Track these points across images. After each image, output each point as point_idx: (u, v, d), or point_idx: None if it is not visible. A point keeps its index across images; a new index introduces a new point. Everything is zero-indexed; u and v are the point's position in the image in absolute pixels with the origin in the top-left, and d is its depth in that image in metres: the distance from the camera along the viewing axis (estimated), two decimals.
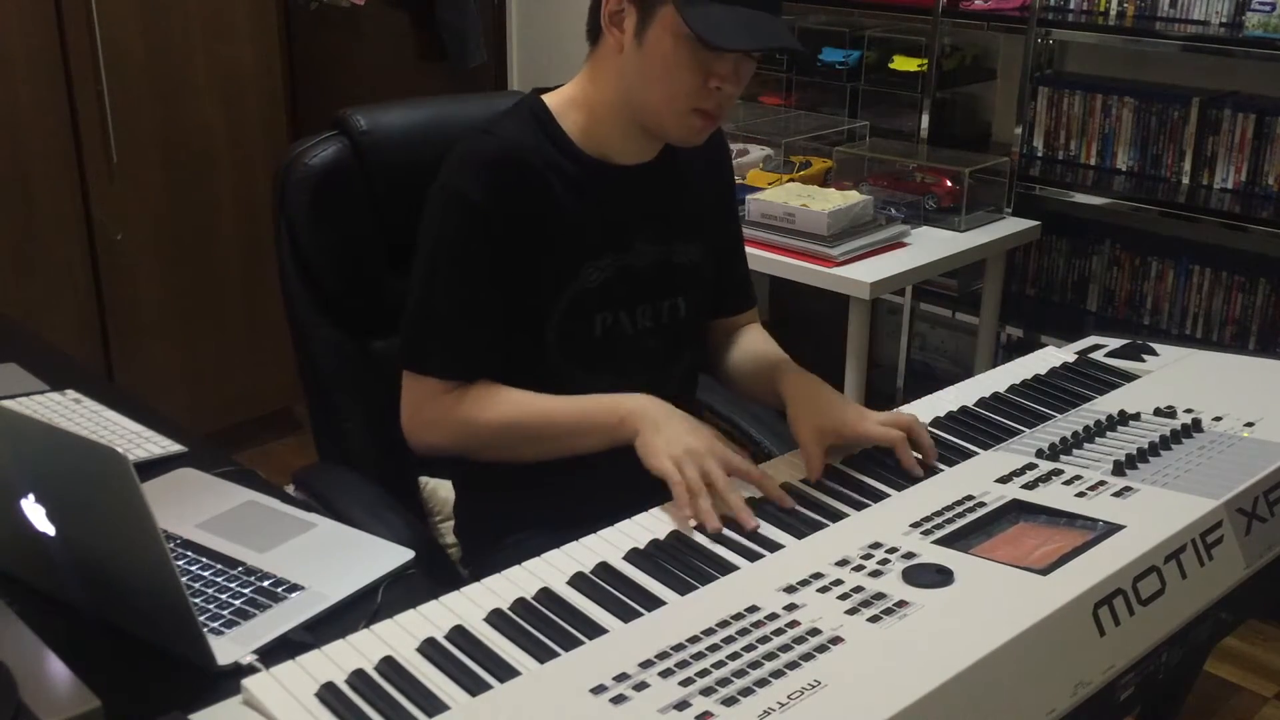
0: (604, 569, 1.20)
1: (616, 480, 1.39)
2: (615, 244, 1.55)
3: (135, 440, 1.59)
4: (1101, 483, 1.31)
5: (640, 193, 1.57)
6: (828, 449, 1.42)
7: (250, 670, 1.06)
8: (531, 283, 1.50)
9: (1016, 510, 1.26)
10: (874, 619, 1.05)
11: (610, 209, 1.54)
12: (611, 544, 1.24)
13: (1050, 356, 1.74)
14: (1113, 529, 1.19)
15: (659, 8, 1.41)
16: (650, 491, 1.34)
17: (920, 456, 1.40)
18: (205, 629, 1.14)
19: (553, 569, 1.20)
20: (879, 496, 1.34)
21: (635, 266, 1.56)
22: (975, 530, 1.22)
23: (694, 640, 1.03)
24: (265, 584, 1.26)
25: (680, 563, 1.21)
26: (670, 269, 1.60)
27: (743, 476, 1.33)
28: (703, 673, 0.98)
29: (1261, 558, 1.28)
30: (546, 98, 1.55)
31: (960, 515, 1.25)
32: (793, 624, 1.05)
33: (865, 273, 2.63)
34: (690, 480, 1.30)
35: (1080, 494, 1.28)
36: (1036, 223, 3.03)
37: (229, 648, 1.14)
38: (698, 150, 1.61)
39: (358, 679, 1.02)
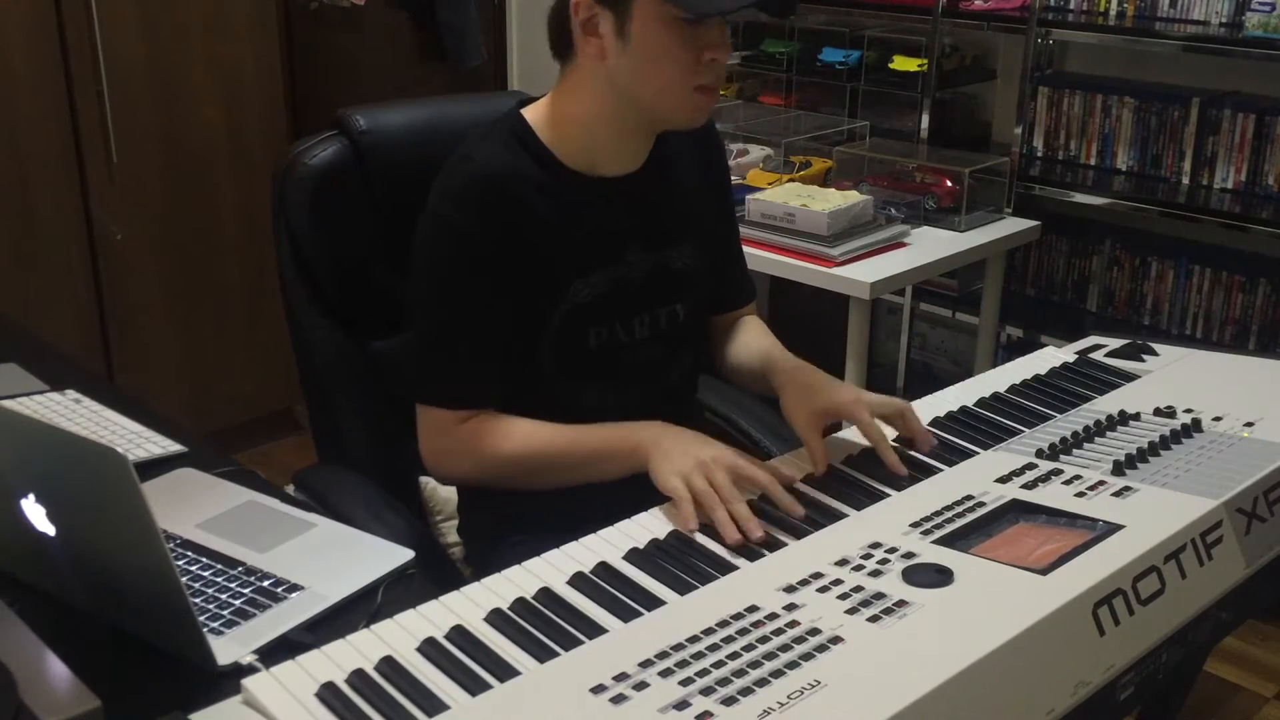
0: (604, 569, 1.20)
1: (620, 482, 1.39)
2: (605, 258, 1.53)
3: (135, 440, 1.59)
4: (1101, 483, 1.31)
5: (629, 202, 1.55)
6: (827, 434, 1.43)
7: (250, 670, 1.06)
8: (522, 304, 1.49)
9: (1016, 510, 1.26)
10: (874, 619, 1.05)
11: (598, 222, 1.52)
12: (611, 544, 1.25)
13: (1050, 356, 1.74)
14: (1113, 529, 1.19)
15: (634, 1, 1.40)
16: (652, 491, 1.34)
17: (912, 448, 1.41)
18: (205, 629, 1.14)
19: (553, 569, 1.20)
20: (879, 496, 1.34)
21: (629, 278, 1.55)
22: (975, 530, 1.22)
23: (694, 640, 1.03)
24: (265, 584, 1.26)
25: (680, 563, 1.21)
26: (666, 275, 1.59)
27: (751, 484, 1.31)
28: (703, 673, 0.99)
29: (1261, 558, 1.28)
30: (526, 112, 1.53)
31: (960, 515, 1.25)
32: (793, 624, 1.05)
33: (865, 273, 2.63)
34: (699, 491, 1.29)
35: (1080, 494, 1.28)
36: (1036, 223, 3.02)
37: (229, 648, 1.14)
38: (689, 149, 1.61)
39: (358, 679, 1.02)
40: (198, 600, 1.22)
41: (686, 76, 1.42)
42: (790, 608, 1.08)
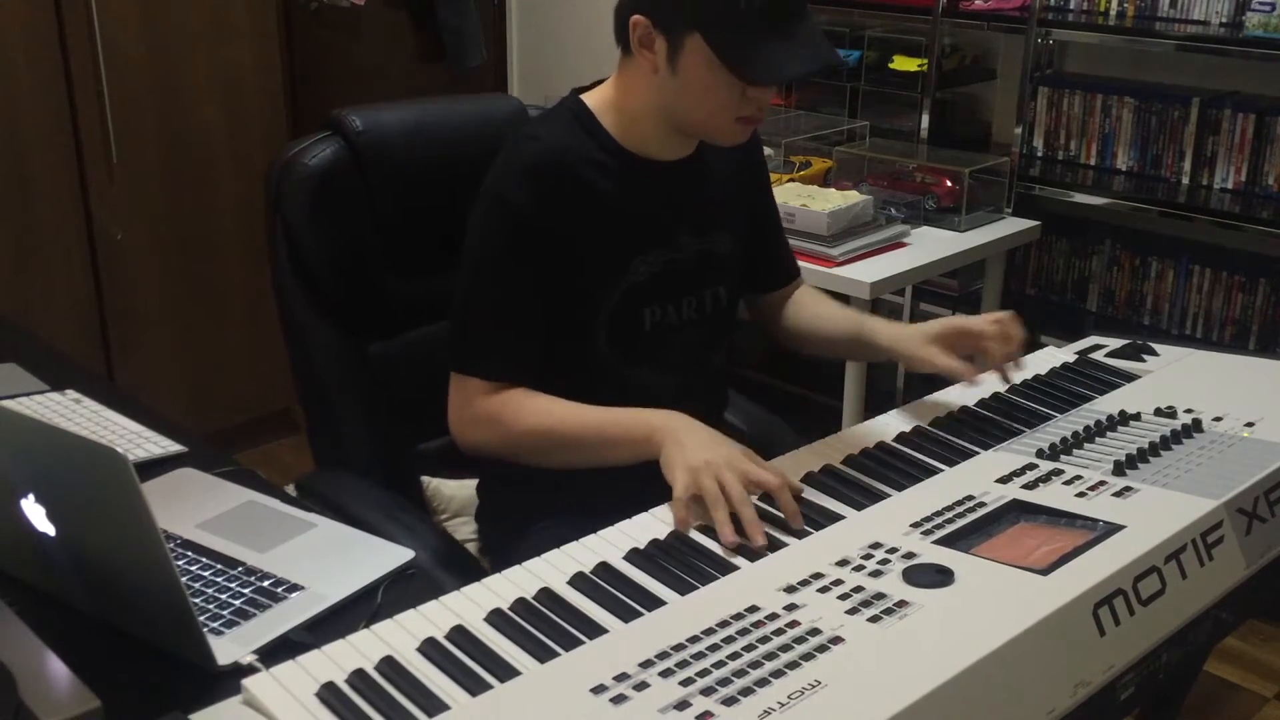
0: (604, 569, 1.20)
1: (639, 470, 1.39)
2: (661, 238, 1.57)
3: (135, 440, 1.59)
4: (1101, 483, 1.31)
5: (680, 187, 1.59)
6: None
7: (250, 670, 1.06)
8: (580, 282, 1.51)
9: (1016, 510, 1.26)
10: (874, 619, 1.05)
11: (654, 204, 1.56)
12: (611, 544, 1.25)
13: (1050, 356, 1.75)
14: (1113, 529, 1.19)
15: (686, 37, 1.42)
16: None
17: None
18: (205, 629, 1.14)
19: (553, 569, 1.20)
20: (879, 496, 1.34)
21: (679, 259, 1.59)
22: (975, 530, 1.22)
23: (694, 640, 1.03)
24: (265, 584, 1.26)
25: (680, 563, 1.21)
26: (711, 259, 1.62)
27: (760, 488, 1.31)
28: (703, 673, 0.99)
29: (1262, 558, 1.28)
30: (585, 98, 1.57)
31: (960, 515, 1.25)
32: (793, 624, 1.05)
33: (865, 273, 2.64)
34: (707, 491, 1.28)
35: (1080, 494, 1.28)
36: (1036, 223, 3.03)
37: (229, 648, 1.14)
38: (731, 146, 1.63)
39: (358, 679, 1.02)
40: (198, 600, 1.22)
41: (729, 110, 1.47)
42: (790, 608, 1.08)
